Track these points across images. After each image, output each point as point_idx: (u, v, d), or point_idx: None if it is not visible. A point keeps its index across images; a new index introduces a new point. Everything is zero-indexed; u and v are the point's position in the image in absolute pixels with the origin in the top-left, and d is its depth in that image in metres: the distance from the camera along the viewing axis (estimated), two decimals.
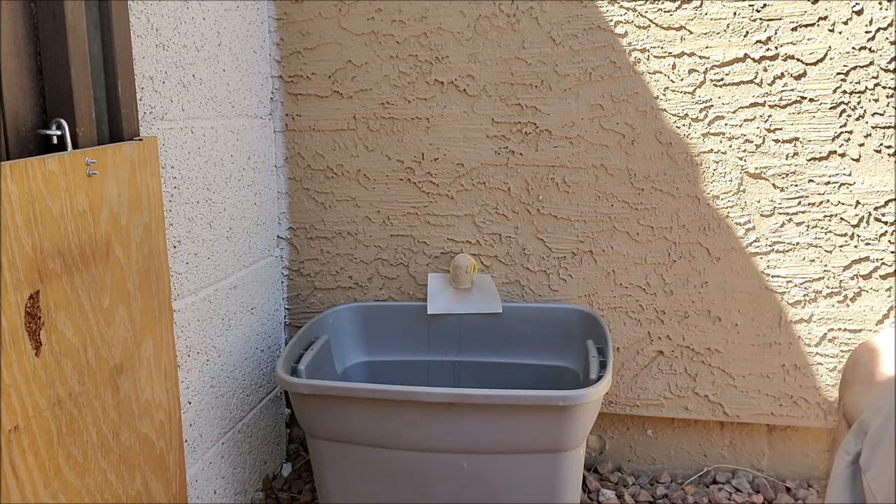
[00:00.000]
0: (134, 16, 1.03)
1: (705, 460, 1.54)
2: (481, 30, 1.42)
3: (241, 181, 1.38)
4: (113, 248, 0.89)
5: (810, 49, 1.33)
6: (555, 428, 1.13)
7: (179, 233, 1.17)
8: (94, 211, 0.86)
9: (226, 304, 1.33)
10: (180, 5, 1.16)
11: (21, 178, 0.74)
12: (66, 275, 0.81)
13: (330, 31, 1.48)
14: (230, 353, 1.35)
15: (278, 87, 1.51)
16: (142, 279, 0.96)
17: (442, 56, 1.45)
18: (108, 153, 0.88)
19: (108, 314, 0.89)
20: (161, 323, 1.01)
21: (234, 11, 1.34)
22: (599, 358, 1.26)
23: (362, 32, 1.47)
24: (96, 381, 0.87)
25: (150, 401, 0.98)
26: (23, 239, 0.75)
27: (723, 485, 1.49)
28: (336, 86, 1.50)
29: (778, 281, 1.41)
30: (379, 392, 1.14)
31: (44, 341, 0.78)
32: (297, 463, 1.61)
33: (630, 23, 1.37)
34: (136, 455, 0.96)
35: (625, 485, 1.51)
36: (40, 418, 0.78)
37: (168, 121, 1.13)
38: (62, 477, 0.82)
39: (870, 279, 1.38)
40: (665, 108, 1.39)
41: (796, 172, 1.37)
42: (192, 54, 1.19)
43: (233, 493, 1.38)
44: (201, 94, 1.23)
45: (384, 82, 1.48)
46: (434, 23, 1.44)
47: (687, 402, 1.49)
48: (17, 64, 0.82)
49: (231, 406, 1.36)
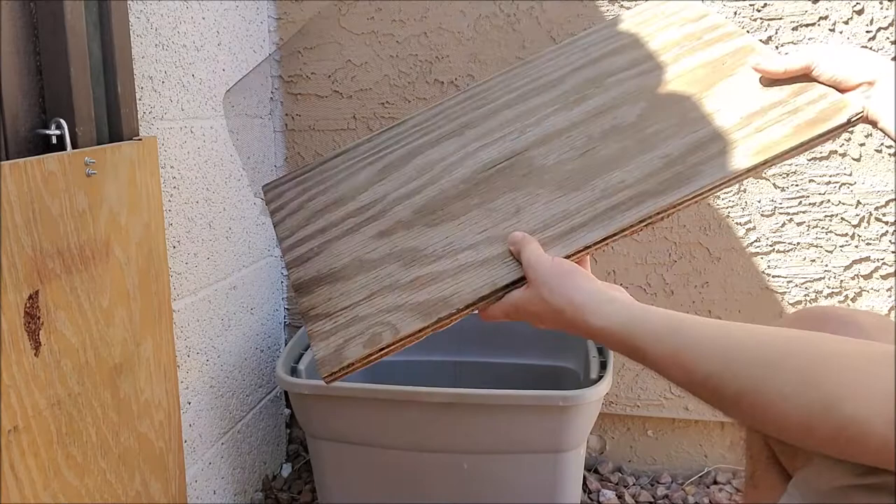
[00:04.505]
0: (133, 15, 1.03)
1: (706, 461, 1.54)
2: (481, 29, 1.42)
3: (241, 181, 1.38)
4: (112, 248, 0.89)
5: None
6: (555, 428, 1.13)
7: (179, 233, 1.17)
8: (94, 211, 0.85)
9: (225, 304, 1.33)
10: (180, 5, 1.15)
11: (20, 178, 0.74)
12: (65, 275, 0.81)
13: (330, 30, 1.47)
14: (230, 354, 1.35)
15: (278, 86, 1.51)
16: (141, 279, 0.95)
17: (442, 56, 1.44)
18: (107, 153, 0.88)
19: (107, 314, 0.88)
20: (160, 323, 1.00)
21: (234, 11, 1.34)
22: (600, 358, 1.26)
23: (362, 32, 1.46)
24: (96, 382, 0.87)
25: (149, 401, 0.98)
26: (22, 239, 0.74)
27: (723, 485, 1.49)
28: (336, 85, 1.49)
29: (778, 281, 1.41)
30: (379, 392, 1.13)
31: (43, 341, 0.78)
32: (297, 463, 1.61)
33: None
34: (136, 455, 0.95)
35: (625, 485, 1.51)
36: (40, 419, 0.78)
37: (167, 120, 1.13)
38: (62, 477, 0.82)
39: (870, 279, 1.38)
40: None
41: (797, 172, 1.37)
42: (191, 54, 1.19)
43: (232, 493, 1.38)
44: (201, 94, 1.23)
45: (384, 82, 1.48)
46: (434, 22, 1.43)
47: (687, 402, 1.48)
48: (16, 63, 0.82)
49: (231, 406, 1.36)
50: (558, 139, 0.84)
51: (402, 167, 0.88)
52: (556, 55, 0.95)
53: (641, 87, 0.86)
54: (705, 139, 0.78)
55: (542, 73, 0.93)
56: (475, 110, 0.92)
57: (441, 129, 0.91)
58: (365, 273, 0.78)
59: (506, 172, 0.83)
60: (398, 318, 0.73)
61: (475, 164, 0.85)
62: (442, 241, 0.78)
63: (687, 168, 0.76)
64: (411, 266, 0.77)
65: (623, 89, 0.87)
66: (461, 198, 0.82)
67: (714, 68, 0.85)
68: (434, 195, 0.83)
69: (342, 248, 0.81)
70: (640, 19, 0.95)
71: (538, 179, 0.81)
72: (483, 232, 0.77)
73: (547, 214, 0.77)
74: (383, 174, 0.88)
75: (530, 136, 0.85)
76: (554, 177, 0.80)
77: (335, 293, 0.78)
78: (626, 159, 0.79)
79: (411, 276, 0.76)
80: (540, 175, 0.81)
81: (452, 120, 0.91)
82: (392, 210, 0.83)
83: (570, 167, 0.80)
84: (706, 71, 0.85)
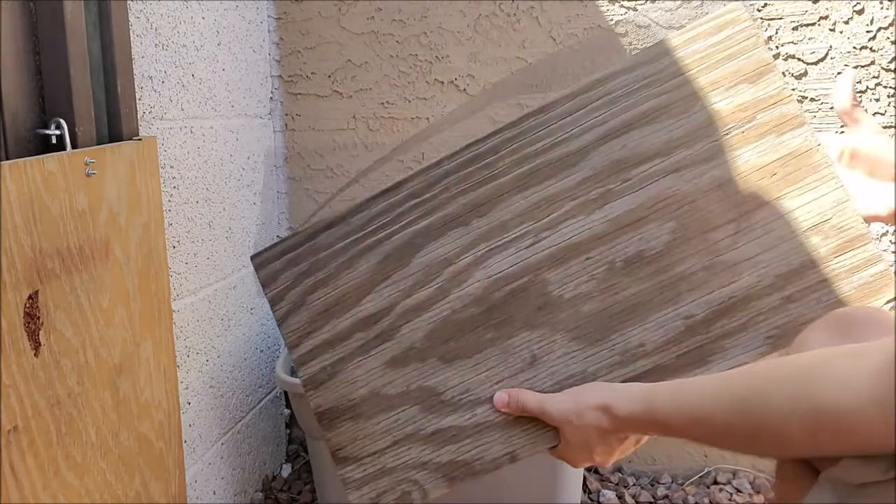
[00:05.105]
0: (133, 15, 1.03)
1: (706, 461, 1.54)
2: (481, 29, 1.42)
3: (241, 181, 1.38)
4: (112, 248, 0.89)
5: (811, 48, 1.33)
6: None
7: (179, 233, 1.17)
8: (94, 211, 0.85)
9: (225, 304, 1.33)
10: (180, 5, 1.15)
11: (20, 178, 0.74)
12: (65, 275, 0.81)
13: (330, 30, 1.47)
14: (230, 354, 1.35)
15: (278, 86, 1.51)
16: (141, 279, 0.95)
17: (442, 56, 1.44)
18: (107, 153, 0.88)
19: (107, 314, 0.88)
20: (160, 323, 1.00)
21: (234, 11, 1.34)
22: None
23: (362, 32, 1.46)
24: (95, 382, 0.87)
25: (149, 401, 0.98)
26: (22, 239, 0.74)
27: (724, 485, 1.49)
28: (336, 85, 1.49)
29: None
30: None
31: (43, 341, 0.78)
32: (296, 463, 1.60)
33: (630, 22, 1.37)
34: (136, 456, 0.95)
35: (625, 485, 1.51)
36: (39, 419, 0.78)
37: (167, 120, 1.13)
38: (61, 477, 0.82)
39: None
40: None
41: None
42: (191, 54, 1.19)
43: (232, 493, 1.38)
44: (200, 94, 1.23)
45: (384, 82, 1.48)
46: (434, 22, 1.43)
47: None
48: (16, 63, 0.82)
49: (230, 406, 1.36)
50: (576, 260, 0.78)
51: (404, 263, 0.82)
52: (575, 105, 0.80)
53: (674, 193, 0.76)
54: (734, 300, 0.73)
55: (558, 134, 0.80)
56: (480, 186, 0.81)
57: (443, 209, 0.81)
58: (385, 413, 0.81)
59: (520, 298, 0.79)
60: (425, 478, 0.79)
61: (486, 278, 0.80)
62: (458, 386, 0.80)
63: (709, 340, 0.74)
64: (430, 413, 0.80)
65: (653, 192, 0.77)
66: (474, 327, 0.80)
67: (761, 177, 0.75)
68: (446, 316, 0.80)
69: (356, 375, 0.82)
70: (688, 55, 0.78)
71: (554, 318, 0.78)
72: (499, 383, 0.79)
73: (565, 372, 0.77)
74: (385, 270, 0.82)
75: (545, 247, 0.79)
76: (571, 319, 0.77)
77: (359, 434, 0.81)
78: (648, 311, 0.76)
79: (431, 426, 0.79)
80: (556, 312, 0.78)
81: (454, 197, 0.81)
82: (402, 330, 0.81)
83: (589, 308, 0.77)
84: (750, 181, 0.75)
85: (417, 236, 0.82)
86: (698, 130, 0.77)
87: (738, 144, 0.76)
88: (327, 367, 0.82)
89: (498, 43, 1.42)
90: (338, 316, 0.83)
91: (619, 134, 0.78)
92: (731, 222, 0.75)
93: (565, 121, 0.79)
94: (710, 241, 0.75)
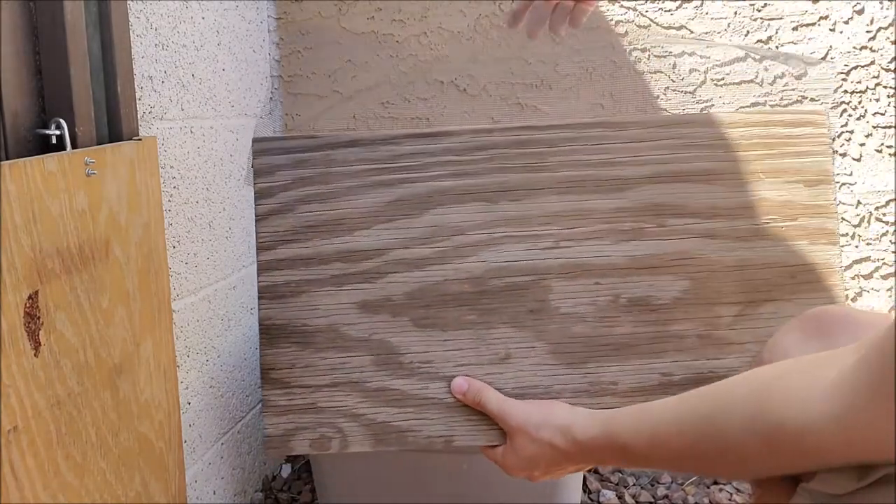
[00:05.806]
0: (133, 15, 1.03)
1: None
2: (481, 29, 1.42)
3: (241, 181, 1.38)
4: (112, 248, 0.89)
5: (811, 48, 1.33)
6: None
7: (179, 233, 1.17)
8: (94, 211, 0.85)
9: (225, 304, 1.33)
10: (180, 5, 1.15)
11: (20, 178, 0.74)
12: (65, 275, 0.81)
13: (330, 30, 1.47)
14: (230, 354, 1.35)
15: (278, 86, 1.51)
16: (141, 279, 0.95)
17: (442, 56, 1.44)
18: (107, 153, 0.88)
19: (107, 314, 0.88)
20: (160, 323, 1.00)
21: (234, 11, 1.34)
22: None
23: (362, 32, 1.46)
24: (95, 382, 0.87)
25: (149, 401, 0.98)
26: (22, 239, 0.74)
27: (723, 485, 1.49)
28: (336, 85, 1.49)
29: None
30: None
31: (43, 341, 0.78)
32: (296, 463, 1.61)
33: (630, 22, 1.37)
34: (136, 456, 0.95)
35: (625, 485, 1.51)
36: (39, 419, 0.78)
37: (167, 120, 1.13)
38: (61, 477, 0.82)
39: (871, 279, 1.38)
40: (666, 108, 1.38)
41: None
42: (191, 54, 1.19)
43: (232, 493, 1.38)
44: (201, 94, 1.23)
45: (384, 82, 1.48)
46: (434, 22, 1.43)
47: None
48: (16, 64, 0.82)
49: (231, 406, 1.36)
50: (585, 281, 0.77)
51: (414, 213, 0.79)
52: (645, 135, 0.79)
53: (699, 256, 0.77)
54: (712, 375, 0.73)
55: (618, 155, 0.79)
56: (523, 171, 0.79)
57: (477, 178, 0.79)
58: (336, 352, 0.77)
59: (516, 294, 0.77)
60: (351, 430, 0.75)
61: (492, 262, 0.78)
62: (421, 354, 0.77)
63: None
64: (382, 369, 0.76)
65: (681, 247, 0.77)
66: (459, 305, 0.77)
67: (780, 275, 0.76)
68: (436, 282, 0.78)
69: (322, 302, 0.78)
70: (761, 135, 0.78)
71: (542, 326, 0.77)
72: (463, 367, 0.76)
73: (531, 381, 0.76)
74: (392, 212, 0.79)
75: (561, 255, 0.78)
76: (558, 333, 0.77)
77: (300, 362, 0.77)
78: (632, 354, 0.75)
79: (378, 382, 0.76)
80: (546, 321, 0.77)
81: (493, 170, 0.79)
82: (386, 277, 0.78)
83: (578, 330, 0.76)
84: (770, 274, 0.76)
85: (439, 193, 0.79)
86: (743, 209, 0.78)
87: (774, 237, 0.77)
88: (293, 282, 0.78)
89: (498, 43, 1.42)
90: (324, 237, 0.79)
91: (672, 180, 0.78)
92: (738, 304, 0.76)
93: (629, 145, 0.79)
94: (713, 314, 0.76)
